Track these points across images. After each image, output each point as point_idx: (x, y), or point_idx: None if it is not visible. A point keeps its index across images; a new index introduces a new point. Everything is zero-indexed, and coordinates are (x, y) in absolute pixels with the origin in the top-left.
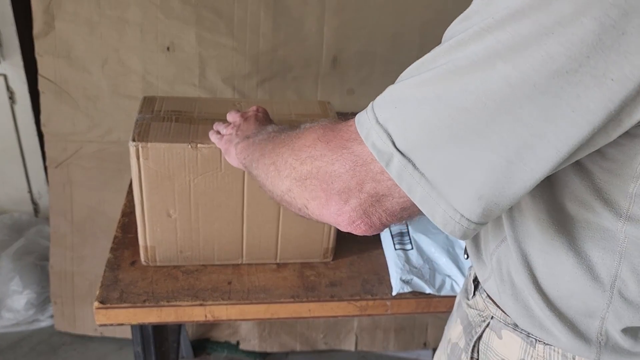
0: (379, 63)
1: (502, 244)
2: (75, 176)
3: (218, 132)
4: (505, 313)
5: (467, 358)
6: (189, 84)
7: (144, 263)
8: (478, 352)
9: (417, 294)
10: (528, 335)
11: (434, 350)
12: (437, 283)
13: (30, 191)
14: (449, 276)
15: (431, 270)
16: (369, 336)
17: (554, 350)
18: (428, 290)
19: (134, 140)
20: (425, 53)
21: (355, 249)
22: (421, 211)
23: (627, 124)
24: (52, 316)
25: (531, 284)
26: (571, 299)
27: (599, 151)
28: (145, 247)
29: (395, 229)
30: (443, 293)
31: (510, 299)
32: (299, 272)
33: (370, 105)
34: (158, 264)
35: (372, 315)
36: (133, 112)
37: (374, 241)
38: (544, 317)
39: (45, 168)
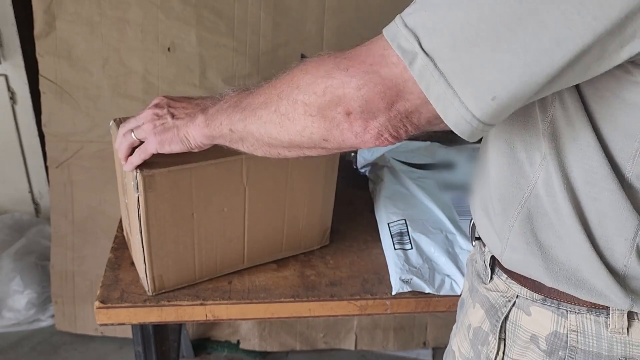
0: None
1: (527, 200)
2: (76, 176)
3: (131, 131)
4: (531, 290)
5: (494, 339)
6: (190, 84)
7: (149, 294)
8: (505, 331)
9: (416, 294)
10: (558, 307)
11: (434, 349)
12: (437, 283)
13: (31, 191)
14: (448, 276)
15: (430, 270)
16: (368, 335)
17: (587, 318)
18: (427, 290)
19: (138, 169)
20: None
21: (355, 248)
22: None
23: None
24: (52, 316)
25: (574, 217)
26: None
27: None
28: (152, 278)
29: (395, 229)
30: (442, 292)
31: (539, 259)
32: (299, 272)
33: (398, 16)
34: (166, 289)
35: (371, 314)
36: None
37: (374, 241)
38: (582, 256)
39: (46, 168)
